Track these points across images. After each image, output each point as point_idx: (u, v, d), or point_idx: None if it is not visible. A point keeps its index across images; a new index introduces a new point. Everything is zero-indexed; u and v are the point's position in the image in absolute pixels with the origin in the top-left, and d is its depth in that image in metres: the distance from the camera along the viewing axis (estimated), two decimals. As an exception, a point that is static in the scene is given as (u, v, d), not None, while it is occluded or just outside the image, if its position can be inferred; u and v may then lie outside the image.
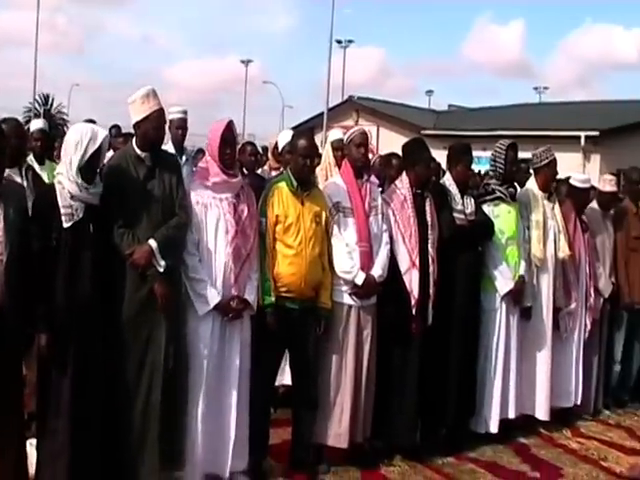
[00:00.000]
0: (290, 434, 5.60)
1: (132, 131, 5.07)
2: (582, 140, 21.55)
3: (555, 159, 6.95)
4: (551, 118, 24.78)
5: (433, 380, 5.91)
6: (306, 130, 18.14)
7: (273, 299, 5.21)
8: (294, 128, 30.40)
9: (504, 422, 6.44)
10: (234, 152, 5.19)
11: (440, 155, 6.49)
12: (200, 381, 4.93)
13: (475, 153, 7.15)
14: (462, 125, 24.99)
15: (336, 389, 5.48)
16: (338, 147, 6.71)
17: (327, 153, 7.22)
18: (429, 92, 41.10)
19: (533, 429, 6.81)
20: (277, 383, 5.81)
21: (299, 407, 5.52)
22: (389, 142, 6.54)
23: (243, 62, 57.82)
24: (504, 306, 6.41)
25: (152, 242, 4.73)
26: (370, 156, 9.24)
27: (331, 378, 5.48)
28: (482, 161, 17.60)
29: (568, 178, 7.63)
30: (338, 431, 5.48)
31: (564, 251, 6.89)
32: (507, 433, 6.48)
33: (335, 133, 7.32)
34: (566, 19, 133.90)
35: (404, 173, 6.01)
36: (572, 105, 29.24)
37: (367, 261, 5.53)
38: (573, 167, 15.45)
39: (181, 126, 7.61)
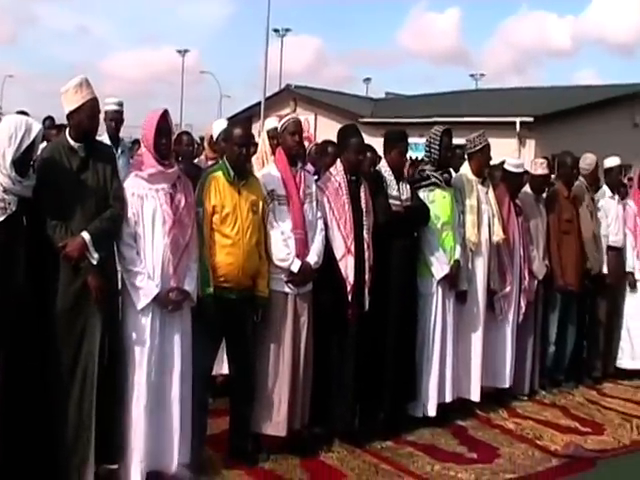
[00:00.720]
0: (228, 424, 5.58)
1: (66, 123, 5.00)
2: (517, 126, 21.77)
3: (488, 144, 7.04)
4: (487, 104, 25.06)
5: (371, 365, 5.94)
6: (241, 119, 18.07)
7: (212, 289, 5.18)
8: (231, 118, 30.26)
9: (442, 405, 6.52)
10: (169, 142, 5.13)
11: (378, 143, 6.52)
12: (141, 374, 4.87)
13: (412, 140, 7.21)
14: (399, 112, 25.09)
15: (274, 377, 5.48)
16: (274, 136, 6.70)
17: (263, 142, 7.22)
18: (367, 80, 41.33)
19: (470, 411, 6.91)
20: (215, 372, 5.78)
21: (237, 396, 5.50)
22: (327, 130, 6.57)
23: (179, 52, 57.28)
24: (440, 290, 6.47)
25: (85, 234, 4.66)
26: (307, 144, 9.29)
27: (269, 366, 5.48)
28: (419, 148, 17.71)
29: (502, 163, 7.74)
30: (276, 419, 5.48)
31: (498, 235, 6.99)
32: (445, 416, 6.56)
33: (270, 122, 7.33)
34: (502, 6, 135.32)
35: (338, 160, 6.02)
36: (507, 91, 29.53)
37: (302, 248, 5.54)
38: (509, 153, 15.53)
39: (115, 117, 7.52)
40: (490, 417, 6.91)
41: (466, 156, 7.19)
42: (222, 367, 5.94)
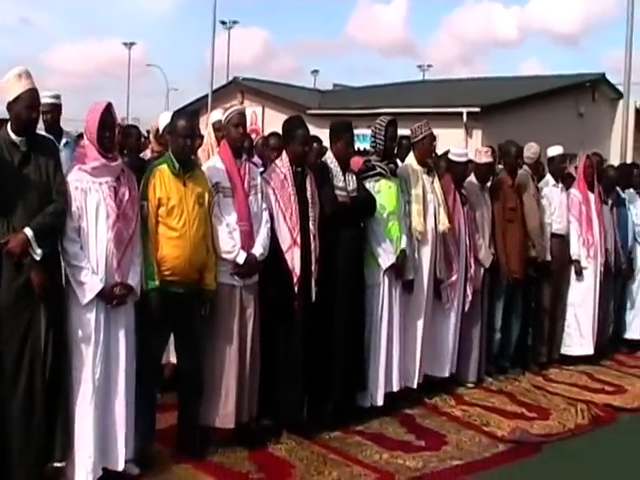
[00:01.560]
0: (176, 418, 5.55)
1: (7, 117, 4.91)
2: (464, 116, 21.88)
3: (431, 134, 7.07)
4: (434, 95, 25.22)
5: (318, 356, 5.96)
6: (186, 111, 17.89)
7: (157, 283, 5.13)
8: (179, 111, 29.89)
9: (389, 395, 6.56)
10: (113, 135, 5.05)
11: (325, 134, 6.51)
12: (87, 370, 4.82)
13: (360, 131, 7.22)
14: (347, 104, 25.11)
15: (221, 370, 5.46)
16: (219, 128, 6.65)
17: (208, 134, 7.18)
18: (314, 72, 41.26)
19: (418, 399, 6.98)
20: (164, 361, 5.73)
21: (185, 390, 5.47)
22: (275, 122, 6.55)
23: (125, 45, 56.70)
24: (387, 280, 6.51)
25: (28, 230, 4.59)
26: (254, 137, 9.25)
27: (216, 359, 5.46)
28: (367, 138, 17.81)
29: (447, 153, 7.81)
30: (224, 412, 5.46)
31: (444, 224, 7.04)
32: (392, 405, 6.61)
33: (216, 114, 7.27)
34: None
35: (284, 152, 6.01)
36: (454, 82, 29.78)
37: (248, 240, 5.53)
38: (456, 143, 15.67)
39: (50, 110, 7.38)
40: (437, 405, 6.99)
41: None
42: (170, 356, 5.89)
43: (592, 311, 8.79)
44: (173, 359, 5.81)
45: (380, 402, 6.48)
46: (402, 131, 7.38)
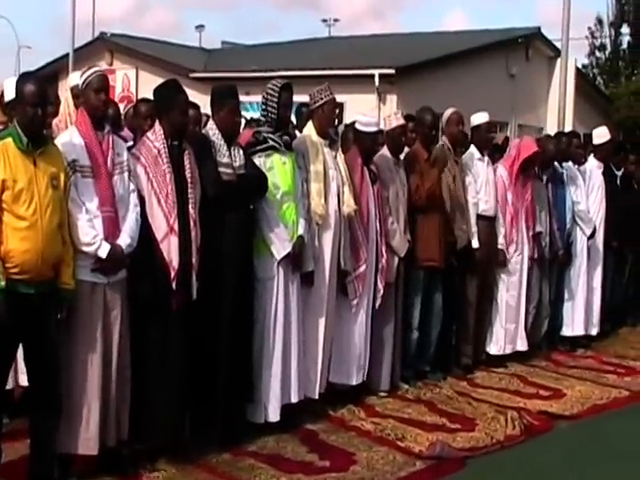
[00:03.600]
0: (29, 447, 5.43)
1: None
2: (376, 79, 21.86)
3: (333, 99, 7.10)
4: (341, 55, 25.20)
5: (201, 365, 5.98)
6: (37, 74, 17.53)
7: (3, 283, 5.03)
8: (27, 74, 29.11)
9: (287, 407, 6.61)
10: None
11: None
12: None
13: (253, 98, 7.15)
14: (238, 65, 24.98)
15: (81, 385, 5.39)
16: (79, 94, 6.55)
17: (66, 102, 7.06)
18: (199, 27, 40.67)
19: (321, 412, 7.05)
20: (10, 386, 5.65)
21: (38, 412, 5.34)
22: (151, 87, 6.44)
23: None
24: (282, 273, 6.55)
25: None
26: (125, 105, 9.14)
27: (75, 372, 5.38)
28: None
29: (354, 123, 7.86)
30: (86, 436, 5.39)
31: (349, 205, 7.11)
32: (291, 420, 6.66)
33: (75, 77, 7.14)
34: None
35: (157, 122, 5.98)
36: (365, 39, 29.98)
37: (112, 229, 5.47)
38: (367, 111, 15.86)
39: None
40: (344, 418, 7.06)
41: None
42: (21, 378, 5.79)
43: (520, 304, 9.06)
44: (24, 382, 5.70)
45: (275, 417, 6.52)
46: (303, 97, 7.39)
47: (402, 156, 8.14)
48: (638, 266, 11.34)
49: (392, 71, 21.81)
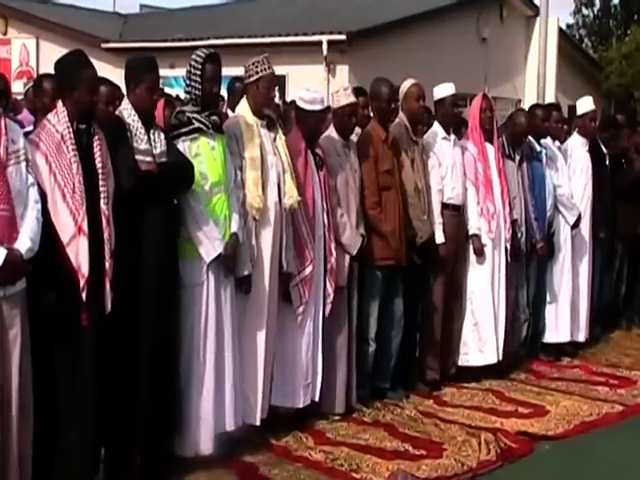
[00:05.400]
0: None
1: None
2: (324, 47, 21.67)
3: (272, 73, 7.08)
4: (281, 19, 24.94)
5: (117, 390, 5.94)
6: None
7: None
8: None
9: (221, 437, 6.60)
10: None
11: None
12: None
13: (178, 71, 7.06)
14: (159, 33, 24.58)
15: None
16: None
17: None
18: (113, -13, 39.94)
19: (263, 441, 7.04)
20: None
21: None
22: (54, 61, 6.31)
23: None
24: (212, 277, 6.53)
25: None
26: (25, 82, 9.04)
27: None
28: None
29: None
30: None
31: (292, 197, 7.10)
32: (227, 451, 6.67)
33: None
34: None
35: (59, 102, 5.91)
36: (310, 0, 29.83)
37: (9, 230, 5.36)
38: (315, 84, 15.81)
39: None
40: (289, 447, 7.06)
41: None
42: None
43: (494, 306, 9.05)
44: None
45: (208, 449, 6.50)
46: (237, 70, 7.35)
47: (353, 137, 8.11)
48: (631, 260, 11.40)
49: (343, 37, 21.67)
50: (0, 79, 7.42)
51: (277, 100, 10.17)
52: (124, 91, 6.53)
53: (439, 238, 8.57)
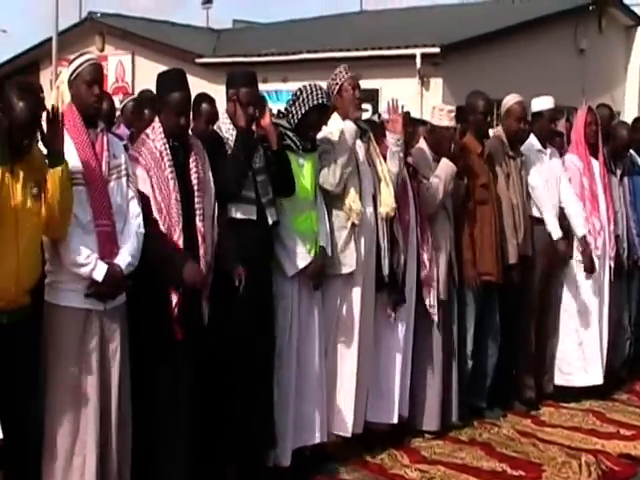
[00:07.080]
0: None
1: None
2: (418, 60, 21.57)
3: (350, 75, 7.11)
4: (375, 32, 24.83)
5: (213, 403, 6.07)
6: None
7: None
8: (10, 62, 29.09)
9: (313, 451, 6.78)
10: None
11: (223, 91, 6.54)
12: None
13: (272, 86, 7.15)
14: (253, 48, 24.45)
15: (71, 437, 5.38)
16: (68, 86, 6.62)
17: (60, 96, 7.10)
18: (206, 4, 40.01)
19: (357, 458, 7.08)
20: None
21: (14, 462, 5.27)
22: (150, 76, 6.45)
23: None
24: (296, 291, 6.65)
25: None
26: (121, 98, 9.21)
27: (62, 419, 5.37)
28: (283, 95, 17.47)
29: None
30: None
31: (388, 204, 7.15)
32: (322, 466, 6.81)
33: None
34: None
35: (156, 119, 6.02)
36: (404, 13, 29.65)
37: (109, 245, 5.46)
38: (409, 97, 15.79)
39: None
40: (384, 464, 7.07)
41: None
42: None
43: (599, 324, 8.95)
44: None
45: (286, 462, 6.58)
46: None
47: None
48: None
49: (437, 50, 21.56)
50: (108, 100, 7.57)
51: (370, 114, 10.19)
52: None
53: (556, 234, 8.55)
